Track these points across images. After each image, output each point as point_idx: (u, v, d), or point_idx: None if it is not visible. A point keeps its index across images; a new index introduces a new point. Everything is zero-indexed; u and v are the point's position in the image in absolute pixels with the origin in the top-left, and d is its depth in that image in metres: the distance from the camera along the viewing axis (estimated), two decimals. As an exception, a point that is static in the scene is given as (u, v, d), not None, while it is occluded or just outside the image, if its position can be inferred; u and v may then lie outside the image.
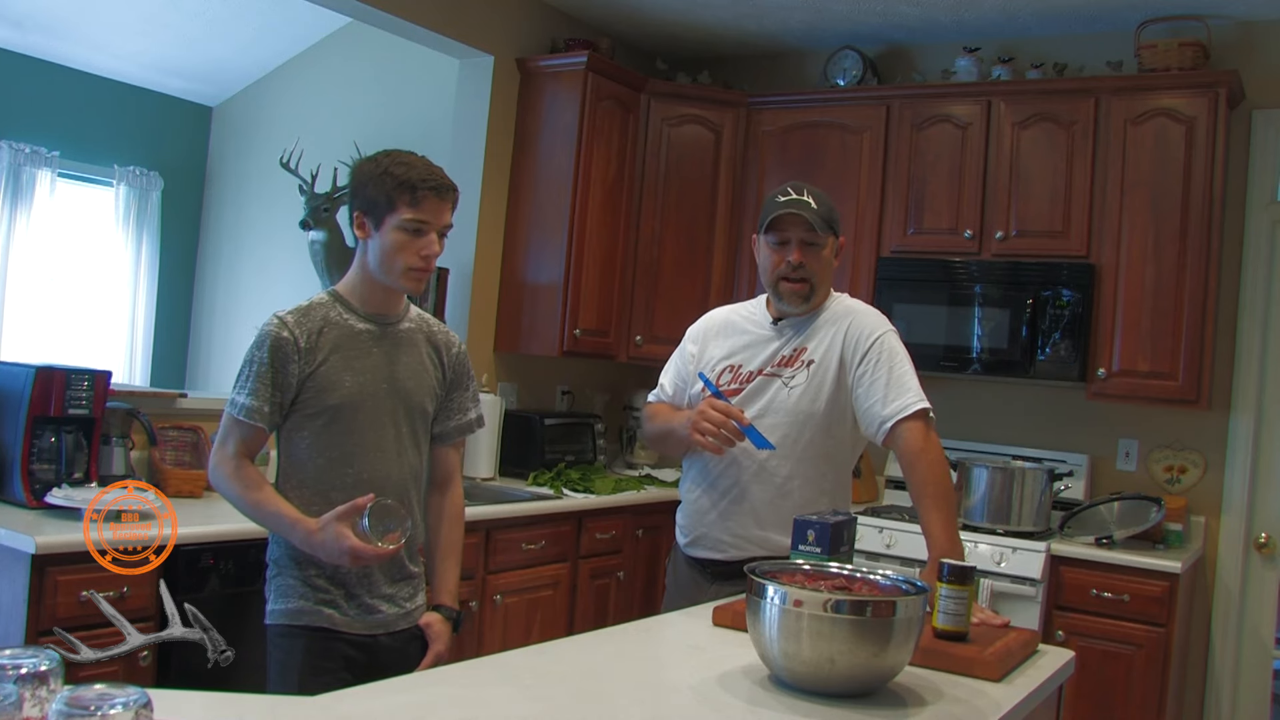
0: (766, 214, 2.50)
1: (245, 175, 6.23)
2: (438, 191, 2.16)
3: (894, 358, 2.42)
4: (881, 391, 2.38)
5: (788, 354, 2.51)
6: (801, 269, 2.46)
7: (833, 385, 2.46)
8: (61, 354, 5.67)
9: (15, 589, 2.46)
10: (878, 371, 2.40)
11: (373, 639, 2.19)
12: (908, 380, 2.39)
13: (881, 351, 2.43)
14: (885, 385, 2.38)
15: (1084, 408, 4.27)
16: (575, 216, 4.48)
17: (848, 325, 2.49)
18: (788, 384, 2.49)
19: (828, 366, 2.47)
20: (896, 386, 2.38)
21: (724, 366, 2.56)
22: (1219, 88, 3.90)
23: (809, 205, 2.44)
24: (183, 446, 3.39)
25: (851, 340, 2.46)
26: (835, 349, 2.47)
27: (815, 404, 2.47)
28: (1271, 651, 4.08)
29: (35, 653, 1.21)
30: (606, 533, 4.14)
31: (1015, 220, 4.21)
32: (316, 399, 2.15)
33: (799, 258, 2.45)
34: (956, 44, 4.62)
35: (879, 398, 2.38)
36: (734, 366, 2.56)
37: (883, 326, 2.49)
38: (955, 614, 2.01)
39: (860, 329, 2.47)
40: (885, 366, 2.41)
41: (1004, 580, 3.74)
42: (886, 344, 2.44)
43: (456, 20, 4.37)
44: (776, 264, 2.49)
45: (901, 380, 2.39)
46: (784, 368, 2.51)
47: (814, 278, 2.48)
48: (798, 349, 2.51)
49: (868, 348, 2.44)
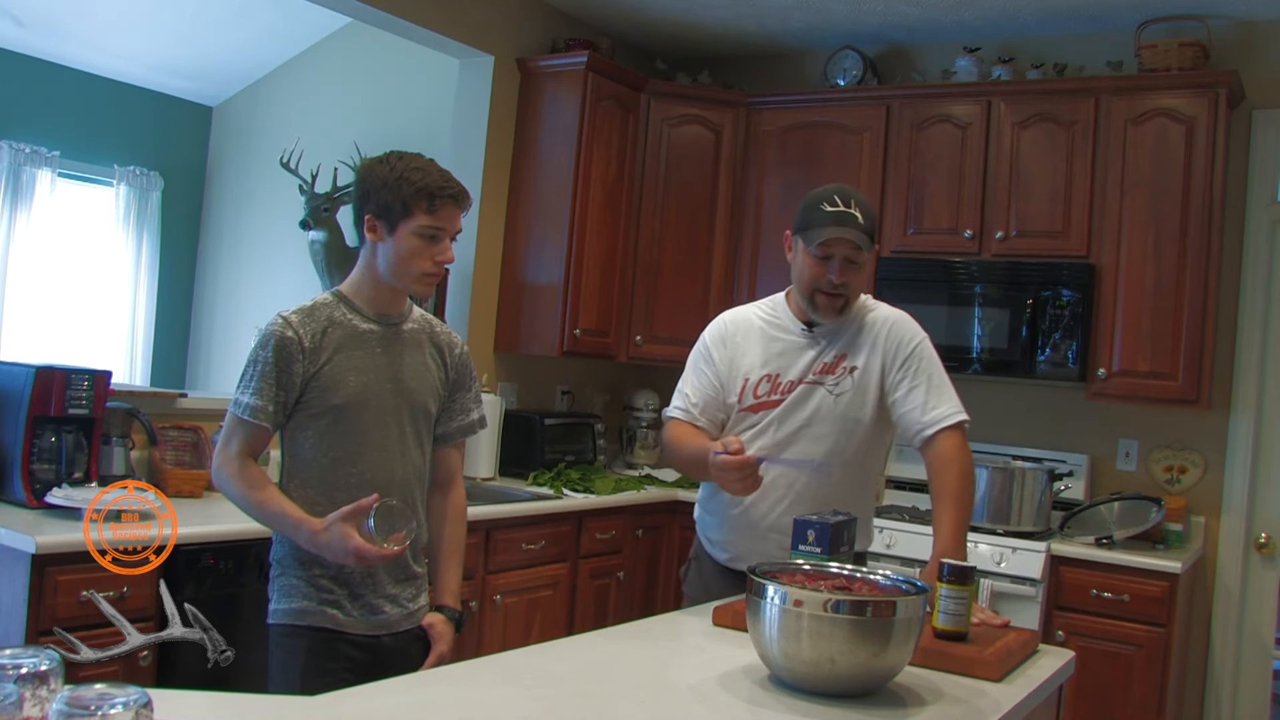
0: (810, 222, 2.39)
1: (245, 175, 6.23)
2: (455, 199, 2.17)
3: (932, 365, 2.44)
4: (921, 399, 2.40)
5: (829, 361, 2.47)
6: (843, 287, 2.41)
7: (876, 391, 2.45)
8: (61, 354, 5.66)
9: (15, 589, 2.46)
10: (917, 379, 2.42)
11: (376, 639, 2.19)
12: (946, 389, 2.43)
13: (921, 359, 2.44)
14: (925, 393, 2.40)
15: (1084, 408, 4.27)
16: (575, 216, 4.48)
17: (887, 331, 2.47)
18: (833, 391, 2.45)
19: (871, 373, 2.45)
20: (936, 394, 2.41)
21: (761, 376, 2.49)
22: (1219, 88, 3.90)
23: (856, 220, 2.35)
24: (183, 446, 3.39)
25: (892, 346, 2.45)
26: (877, 355, 2.46)
27: (863, 410, 2.46)
28: (1271, 651, 4.08)
29: (35, 653, 1.21)
30: (606, 533, 4.14)
31: (1015, 220, 4.21)
32: (320, 398, 2.15)
33: (841, 278, 2.39)
34: (956, 44, 4.62)
35: (919, 404, 2.40)
36: (771, 376, 2.48)
37: (920, 333, 2.49)
38: (955, 614, 2.01)
39: (900, 335, 2.47)
40: (925, 374, 2.42)
41: (1004, 580, 3.74)
42: (925, 351, 2.46)
43: (456, 20, 4.37)
44: (816, 276, 2.40)
45: (941, 389, 2.42)
46: (826, 375, 2.46)
47: (851, 293, 2.44)
48: (838, 355, 2.47)
49: (908, 354, 2.44)
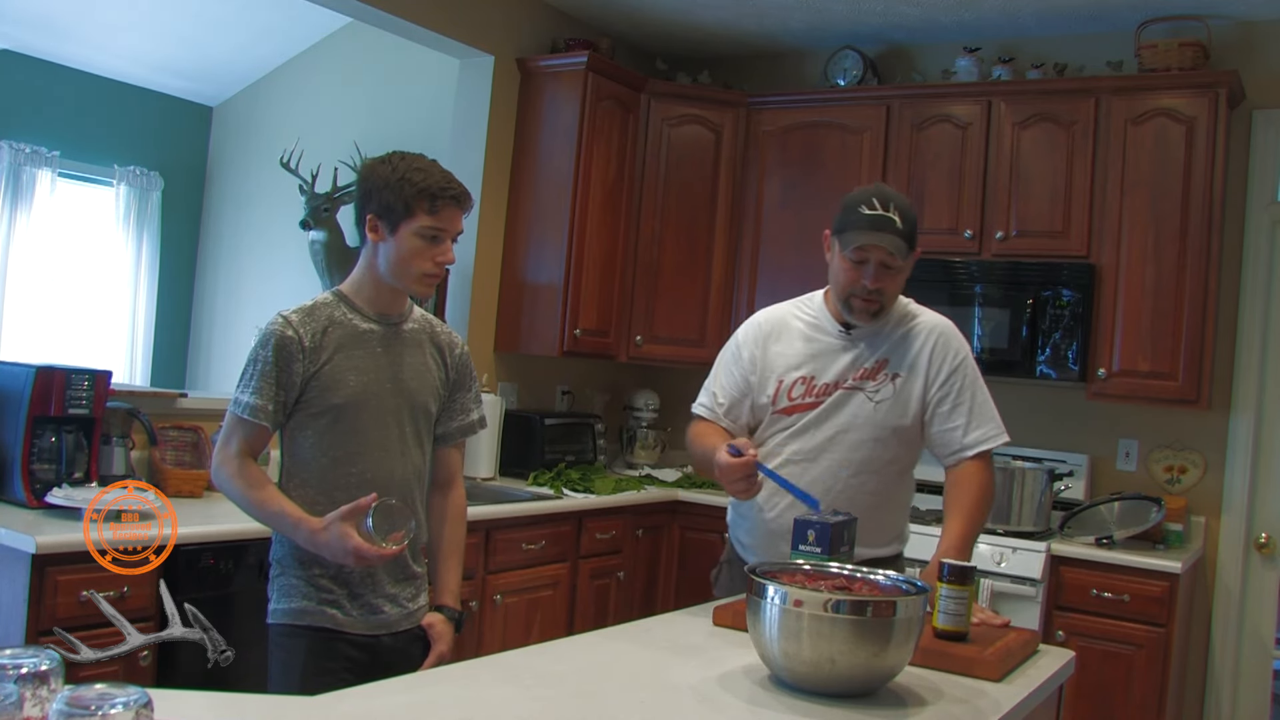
0: (847, 224, 2.35)
1: (245, 175, 6.23)
2: (457, 200, 2.18)
3: (975, 383, 2.42)
4: (964, 419, 2.38)
5: (869, 366, 2.42)
6: (877, 294, 2.35)
7: (918, 404, 2.41)
8: (61, 354, 5.66)
9: (15, 589, 2.46)
10: (961, 397, 2.39)
11: (375, 639, 2.19)
12: (989, 409, 2.42)
13: (966, 374, 2.42)
14: (968, 413, 2.39)
15: (1084, 408, 4.27)
16: (575, 216, 4.48)
17: (934, 344, 2.43)
18: (872, 398, 2.41)
19: (914, 383, 2.41)
20: (979, 416, 2.40)
21: (796, 378, 2.44)
22: (1219, 88, 3.90)
23: (894, 224, 2.30)
24: (183, 446, 3.39)
25: (937, 360, 2.42)
26: (920, 367, 2.41)
27: (902, 419, 2.41)
28: (1271, 651, 4.08)
29: (35, 653, 1.21)
30: (606, 533, 4.14)
31: (1015, 220, 4.21)
32: (320, 398, 2.15)
33: (875, 283, 2.33)
34: (956, 44, 4.62)
35: (960, 425, 2.38)
36: (806, 379, 2.43)
37: (964, 347, 2.46)
38: (955, 614, 2.01)
39: (945, 350, 2.43)
40: (969, 392, 2.40)
41: (1004, 580, 3.74)
42: (970, 367, 2.44)
43: (456, 20, 4.37)
44: (851, 280, 2.35)
45: (984, 409, 2.41)
46: (866, 381, 2.41)
47: (886, 299, 2.40)
48: (880, 361, 2.42)
49: (953, 369, 2.41)
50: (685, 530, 4.48)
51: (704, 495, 4.45)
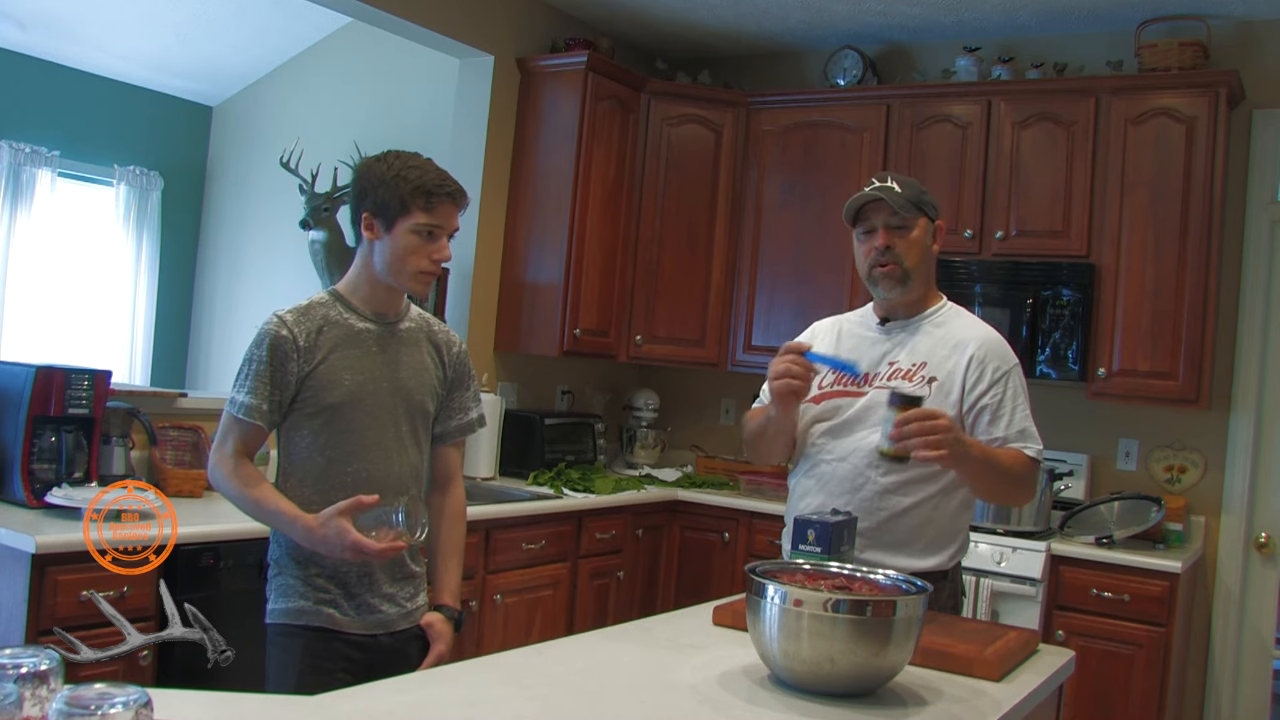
0: (851, 207, 2.43)
1: (245, 175, 6.22)
2: (452, 197, 2.18)
3: (1016, 397, 2.39)
4: (1003, 431, 2.35)
5: (907, 368, 2.41)
6: (889, 252, 2.38)
7: (956, 406, 2.38)
8: (61, 354, 5.66)
9: (15, 589, 2.46)
10: (1001, 409, 2.36)
11: (373, 639, 2.19)
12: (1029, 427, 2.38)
13: (1008, 386, 2.38)
14: (1007, 426, 2.36)
15: (1084, 407, 4.27)
16: (575, 216, 4.48)
17: (979, 356, 2.39)
18: None
19: (950, 387, 2.38)
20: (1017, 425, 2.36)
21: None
22: (1219, 88, 3.90)
23: (891, 189, 2.37)
24: (183, 446, 3.40)
25: (977, 368, 2.38)
26: (959, 371, 2.39)
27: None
28: (1271, 651, 4.08)
29: (35, 652, 1.20)
30: (606, 532, 4.14)
31: (1015, 220, 4.21)
32: (315, 398, 2.15)
33: (884, 241, 2.37)
34: (956, 44, 4.62)
35: (1000, 437, 2.35)
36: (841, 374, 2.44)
37: (1011, 360, 2.43)
38: (898, 439, 2.07)
39: (991, 359, 2.39)
40: (1010, 405, 2.37)
41: (1004, 580, 3.74)
42: (1015, 380, 2.40)
43: (456, 20, 4.37)
44: (867, 253, 2.41)
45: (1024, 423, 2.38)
46: (903, 382, 2.39)
47: (903, 259, 2.39)
48: (918, 364, 2.41)
49: (995, 379, 2.38)
50: (685, 530, 4.48)
51: (704, 495, 4.45)
